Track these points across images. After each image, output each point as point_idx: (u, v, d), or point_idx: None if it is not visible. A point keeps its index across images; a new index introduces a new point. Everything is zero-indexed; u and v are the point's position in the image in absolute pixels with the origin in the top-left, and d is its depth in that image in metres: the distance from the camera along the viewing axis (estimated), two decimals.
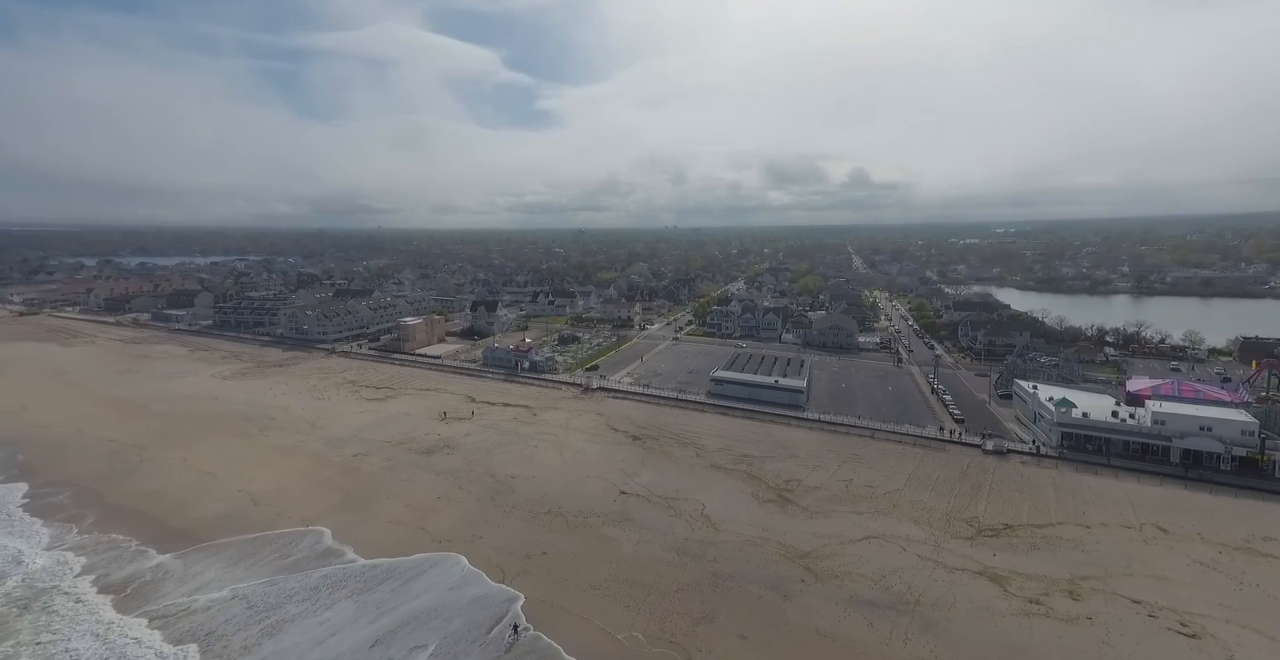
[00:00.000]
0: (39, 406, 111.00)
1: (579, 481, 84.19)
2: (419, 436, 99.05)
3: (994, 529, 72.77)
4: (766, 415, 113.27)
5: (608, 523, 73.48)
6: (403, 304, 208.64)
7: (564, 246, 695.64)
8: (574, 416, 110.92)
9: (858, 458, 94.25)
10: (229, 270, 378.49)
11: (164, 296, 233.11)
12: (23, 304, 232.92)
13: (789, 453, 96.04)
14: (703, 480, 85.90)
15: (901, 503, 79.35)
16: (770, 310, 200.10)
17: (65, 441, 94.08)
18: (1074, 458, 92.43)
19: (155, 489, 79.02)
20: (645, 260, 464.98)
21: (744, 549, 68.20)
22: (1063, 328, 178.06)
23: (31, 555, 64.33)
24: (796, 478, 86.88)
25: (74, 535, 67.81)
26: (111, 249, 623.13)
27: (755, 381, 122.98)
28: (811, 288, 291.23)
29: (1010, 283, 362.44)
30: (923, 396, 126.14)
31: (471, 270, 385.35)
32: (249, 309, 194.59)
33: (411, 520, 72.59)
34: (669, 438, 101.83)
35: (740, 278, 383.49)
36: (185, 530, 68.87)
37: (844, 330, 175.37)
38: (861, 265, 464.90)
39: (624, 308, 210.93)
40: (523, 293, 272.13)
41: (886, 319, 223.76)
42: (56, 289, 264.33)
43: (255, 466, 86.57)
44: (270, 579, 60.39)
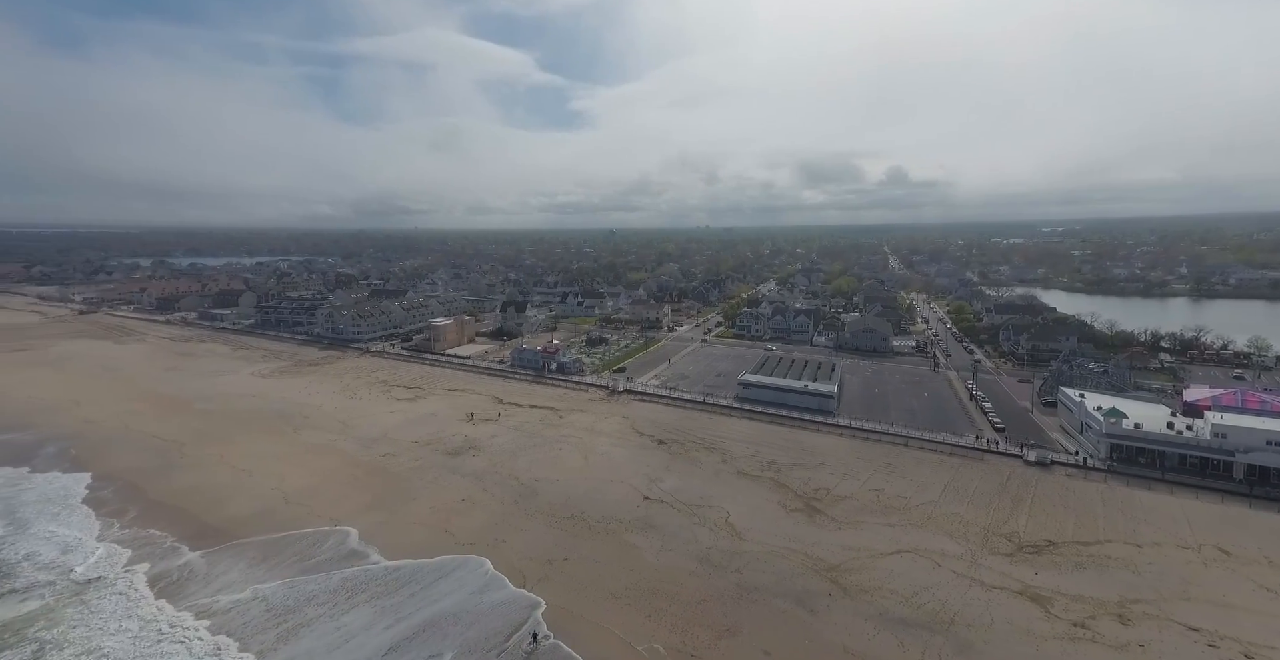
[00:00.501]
0: (91, 402, 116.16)
1: (603, 486, 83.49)
2: (446, 437, 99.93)
3: (1036, 545, 69.18)
4: (795, 421, 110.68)
5: (630, 529, 72.54)
6: (435, 304, 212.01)
7: (595, 247, 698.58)
8: (599, 419, 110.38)
9: (890, 467, 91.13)
10: (272, 270, 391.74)
11: (210, 296, 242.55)
12: (83, 303, 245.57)
13: (818, 460, 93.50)
14: (728, 487, 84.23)
15: (936, 515, 76.24)
16: (801, 312, 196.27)
17: (113, 437, 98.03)
18: (1124, 471, 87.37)
19: (193, 485, 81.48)
20: (676, 260, 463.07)
21: (769, 560, 66.40)
22: (1113, 332, 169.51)
23: (83, 546, 67.04)
24: (825, 486, 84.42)
25: (115, 530, 70.26)
26: (165, 250, 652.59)
27: (784, 386, 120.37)
28: (845, 289, 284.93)
29: (1057, 284, 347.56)
30: (960, 403, 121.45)
31: (503, 270, 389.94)
32: (288, 308, 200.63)
33: (436, 522, 72.99)
34: (695, 442, 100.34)
35: (772, 279, 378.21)
36: (219, 527, 70.64)
37: (878, 333, 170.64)
38: (898, 266, 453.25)
39: (653, 309, 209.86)
40: (552, 293, 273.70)
41: (923, 322, 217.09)
42: (114, 288, 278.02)
43: (288, 464, 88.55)
44: (291, 580, 61.09)
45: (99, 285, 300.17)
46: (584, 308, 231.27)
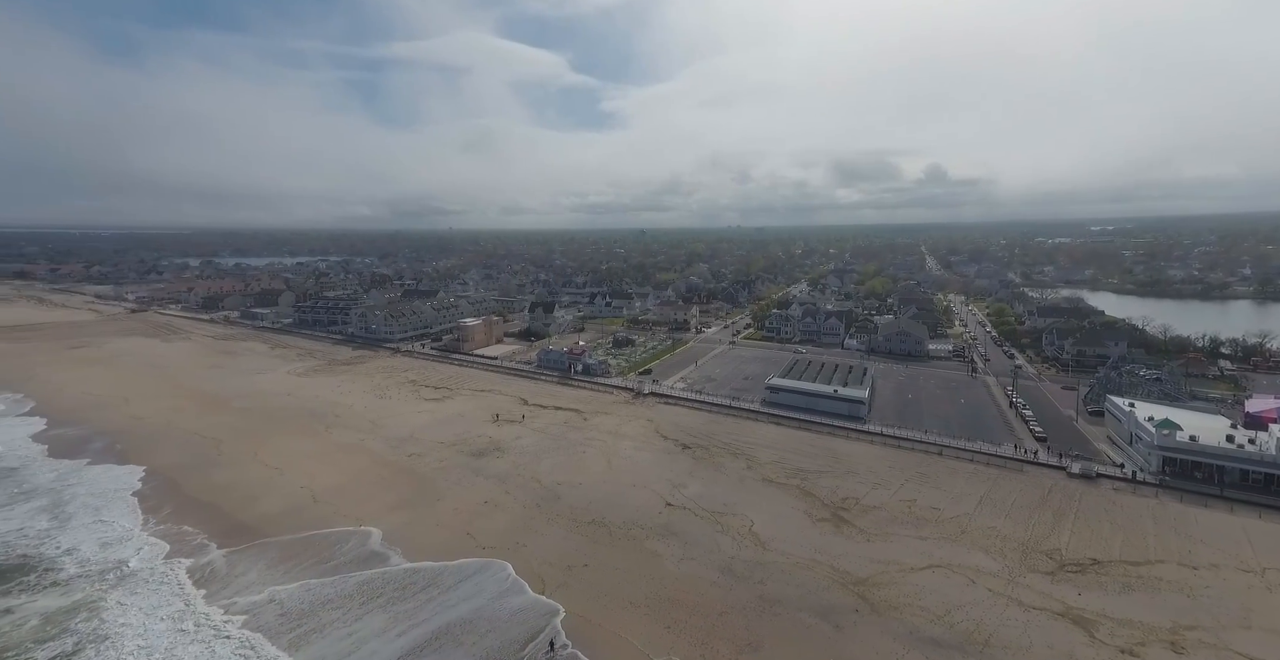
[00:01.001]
0: (139, 398, 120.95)
1: (625, 491, 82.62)
2: (471, 438, 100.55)
3: (1079, 564, 65.55)
4: (824, 427, 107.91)
5: (652, 536, 71.48)
6: (464, 305, 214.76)
7: (625, 247, 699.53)
8: (624, 422, 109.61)
9: (923, 476, 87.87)
10: (311, 270, 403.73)
11: (252, 295, 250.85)
12: (135, 301, 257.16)
13: (847, 468, 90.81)
14: (753, 494, 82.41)
15: (971, 529, 73.04)
16: (833, 314, 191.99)
17: (156, 433, 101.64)
18: (1178, 486, 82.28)
19: (228, 482, 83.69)
20: (705, 261, 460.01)
21: (794, 571, 64.48)
22: (1167, 337, 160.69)
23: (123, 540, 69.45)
24: (854, 496, 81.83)
25: (151, 525, 72.53)
26: (213, 250, 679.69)
27: (813, 390, 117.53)
28: (879, 290, 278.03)
29: (1106, 286, 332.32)
30: (999, 411, 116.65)
31: (534, 271, 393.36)
32: (324, 308, 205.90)
33: (458, 524, 73.22)
34: (720, 447, 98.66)
35: (803, 279, 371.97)
36: (249, 525, 72.18)
37: (912, 336, 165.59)
38: (936, 266, 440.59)
39: (680, 310, 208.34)
40: (581, 294, 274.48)
41: (961, 325, 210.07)
42: (163, 288, 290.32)
43: (318, 463, 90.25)
44: (308, 583, 61.26)
45: (150, 285, 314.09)
46: (612, 308, 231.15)
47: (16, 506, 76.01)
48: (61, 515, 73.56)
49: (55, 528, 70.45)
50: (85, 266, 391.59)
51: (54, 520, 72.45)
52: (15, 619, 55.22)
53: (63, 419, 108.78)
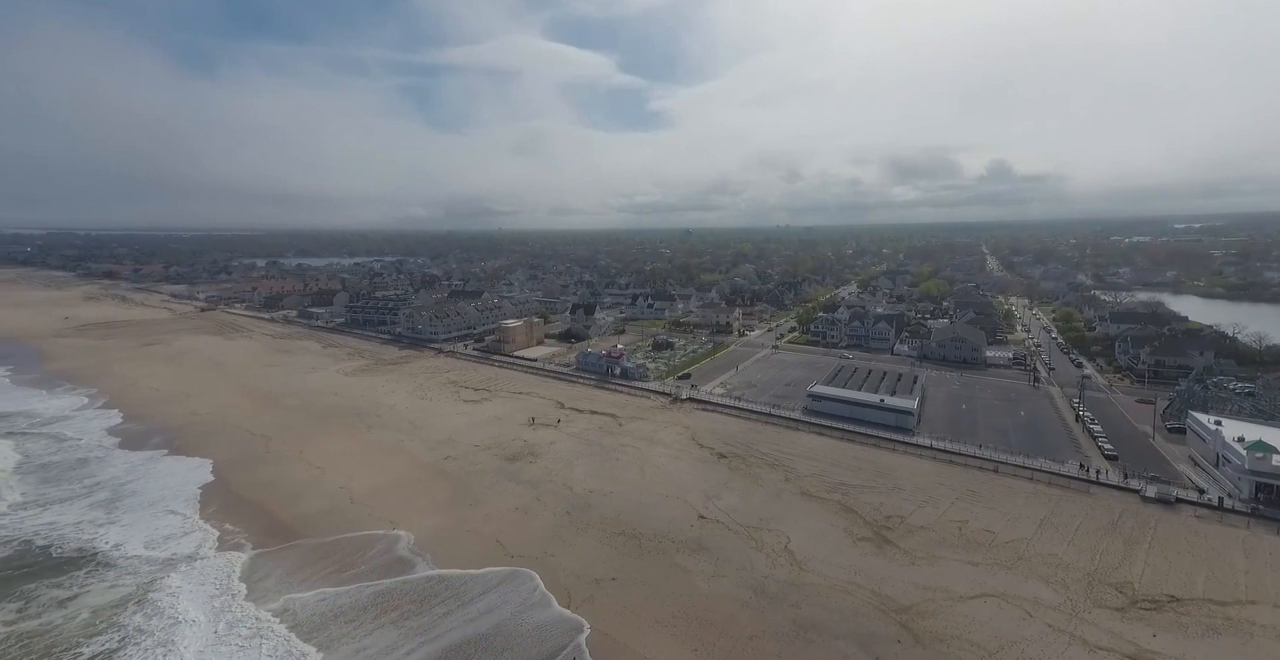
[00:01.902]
0: (199, 395, 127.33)
1: (657, 501, 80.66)
2: (506, 442, 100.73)
3: (1155, 600, 59.48)
4: (869, 438, 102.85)
5: (682, 550, 69.27)
6: (507, 306, 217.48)
7: (670, 247, 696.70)
8: (659, 429, 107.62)
9: (976, 495, 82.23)
10: (367, 270, 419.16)
11: (310, 295, 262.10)
12: (204, 300, 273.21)
13: (892, 483, 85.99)
14: (790, 508, 78.98)
15: (1029, 555, 67.59)
16: (883, 318, 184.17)
17: (213, 430, 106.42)
18: (1273, 516, 73.92)
19: (272, 480, 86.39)
20: (751, 261, 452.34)
21: (831, 595, 61.02)
22: (1262, 346, 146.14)
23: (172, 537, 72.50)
24: (899, 514, 77.23)
25: (196, 522, 75.16)
26: (279, 251, 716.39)
27: (858, 399, 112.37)
28: (934, 293, 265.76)
29: (1191, 289, 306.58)
30: (1064, 425, 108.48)
31: (578, 271, 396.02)
32: (374, 308, 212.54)
33: (489, 531, 72.96)
34: (757, 458, 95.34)
35: (853, 281, 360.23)
36: (287, 525, 73.90)
37: (969, 342, 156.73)
38: (997, 267, 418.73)
39: (723, 312, 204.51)
40: (623, 295, 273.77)
41: (1024, 330, 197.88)
42: (231, 287, 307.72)
43: (358, 463, 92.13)
44: (324, 591, 60.87)
45: (219, 284, 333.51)
46: (654, 310, 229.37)
47: (79, 500, 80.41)
48: (118, 509, 77.42)
49: (111, 522, 74.10)
50: (164, 267, 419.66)
51: (111, 514, 76.29)
52: (68, 613, 57.95)
53: (132, 413, 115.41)
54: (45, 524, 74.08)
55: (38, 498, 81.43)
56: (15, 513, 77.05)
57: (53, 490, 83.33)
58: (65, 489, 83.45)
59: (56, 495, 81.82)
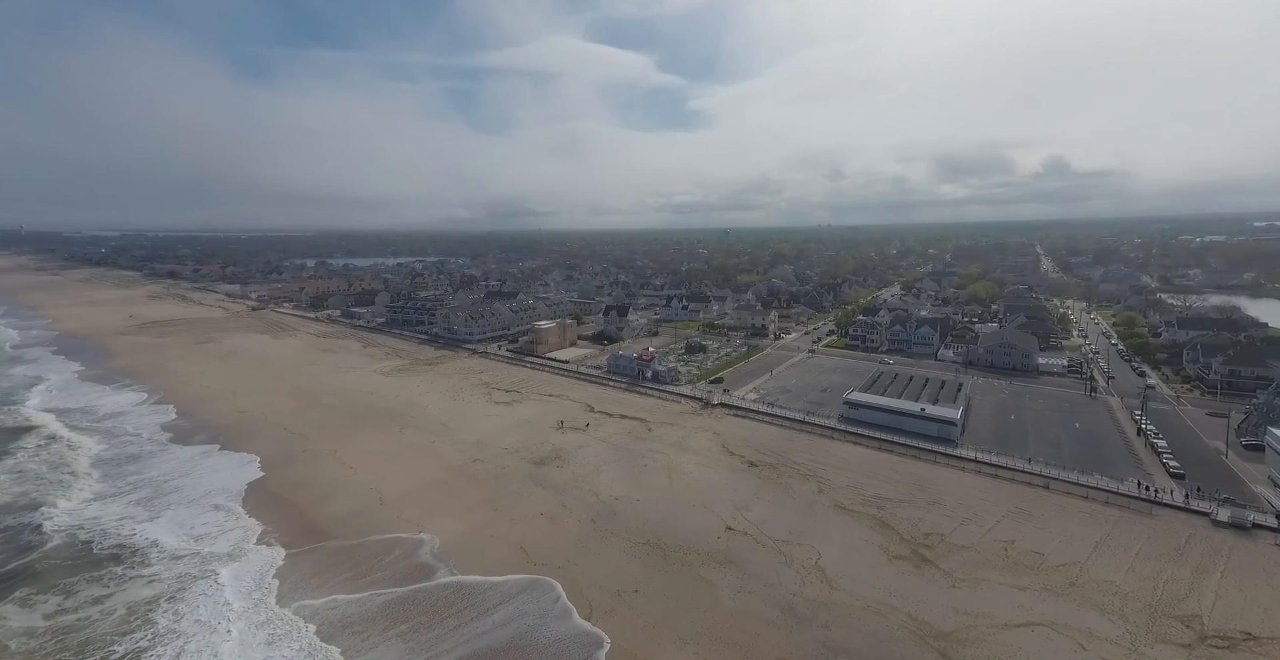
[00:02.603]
0: (245, 393, 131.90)
1: (684, 510, 78.81)
2: (534, 446, 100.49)
3: (1227, 638, 54.49)
4: (909, 449, 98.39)
5: (708, 563, 67.27)
6: (542, 307, 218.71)
7: (708, 247, 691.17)
8: (689, 435, 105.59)
9: (1024, 513, 77.42)
10: (409, 270, 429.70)
11: (353, 295, 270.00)
12: (256, 300, 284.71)
13: (932, 498, 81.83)
14: (822, 522, 75.95)
15: (1083, 581, 63.00)
16: (926, 321, 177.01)
17: (255, 428, 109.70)
18: None
19: (306, 479, 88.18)
20: (790, 262, 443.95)
21: (864, 616, 58.07)
22: None
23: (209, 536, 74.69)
24: (939, 531, 73.27)
25: (230, 521, 76.79)
26: (328, 251, 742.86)
27: (897, 408, 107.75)
28: (982, 295, 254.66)
29: (1272, 292, 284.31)
30: (1124, 439, 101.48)
31: (614, 272, 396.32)
32: (413, 309, 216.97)
33: (512, 536, 72.50)
34: (789, 467, 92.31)
35: (896, 283, 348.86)
36: (317, 526, 74.96)
37: (1019, 348, 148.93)
38: (1053, 268, 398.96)
39: (759, 315, 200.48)
40: (658, 296, 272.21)
41: (1080, 336, 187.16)
42: (281, 287, 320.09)
43: (389, 465, 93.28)
44: (336, 599, 60.49)
45: (270, 284, 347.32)
46: (688, 312, 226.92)
47: (128, 495, 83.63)
48: (163, 504, 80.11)
49: (154, 517, 76.74)
50: (221, 267, 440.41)
51: (156, 509, 79.02)
52: (104, 608, 59.89)
53: (184, 410, 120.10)
54: (91, 518, 77.20)
55: (92, 492, 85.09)
56: (72, 504, 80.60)
57: (106, 485, 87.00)
58: (116, 484, 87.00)
59: (108, 490, 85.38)
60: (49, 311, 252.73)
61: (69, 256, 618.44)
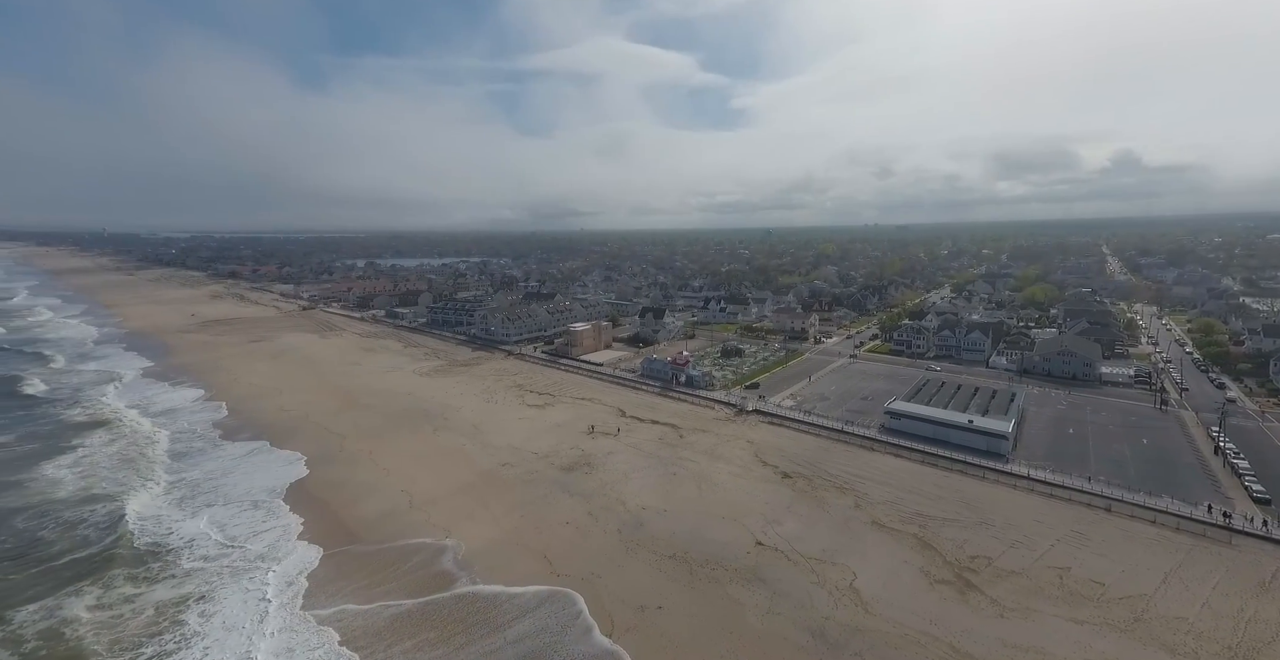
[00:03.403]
0: (290, 391, 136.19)
1: (713, 523, 76.37)
2: (563, 451, 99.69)
3: None
4: (955, 463, 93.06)
5: (736, 580, 64.73)
6: (578, 308, 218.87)
7: (750, 247, 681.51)
8: (721, 443, 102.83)
9: (1082, 537, 71.78)
10: (452, 271, 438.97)
11: (397, 296, 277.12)
12: (307, 300, 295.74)
13: (979, 517, 76.86)
14: (858, 540, 72.24)
15: (1150, 616, 57.69)
16: (977, 326, 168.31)
17: (296, 426, 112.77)
18: None
19: (341, 480, 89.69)
20: (834, 263, 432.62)
21: (901, 645, 54.59)
22: None
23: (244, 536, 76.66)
24: (986, 554, 68.60)
25: (262, 521, 78.15)
26: (378, 252, 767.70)
27: (942, 418, 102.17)
28: (1040, 298, 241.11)
29: None
30: (1198, 458, 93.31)
31: (653, 273, 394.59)
32: (452, 309, 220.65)
33: (537, 545, 71.64)
34: (825, 479, 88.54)
35: (946, 285, 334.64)
36: (347, 528, 75.76)
37: (1080, 356, 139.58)
38: (1120, 270, 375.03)
39: (799, 318, 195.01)
40: (696, 298, 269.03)
41: (1150, 342, 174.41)
42: (331, 287, 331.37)
43: (421, 467, 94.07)
44: (344, 609, 60.03)
45: (321, 284, 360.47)
46: (726, 314, 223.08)
47: (174, 491, 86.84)
48: (196, 504, 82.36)
49: (194, 514, 79.32)
50: (278, 267, 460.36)
51: (197, 506, 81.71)
52: (135, 607, 61.61)
53: (234, 407, 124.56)
54: (145, 513, 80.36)
55: (156, 487, 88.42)
56: (138, 500, 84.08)
57: (165, 480, 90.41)
58: (174, 478, 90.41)
59: (167, 484, 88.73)
60: (121, 310, 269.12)
61: (143, 257, 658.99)
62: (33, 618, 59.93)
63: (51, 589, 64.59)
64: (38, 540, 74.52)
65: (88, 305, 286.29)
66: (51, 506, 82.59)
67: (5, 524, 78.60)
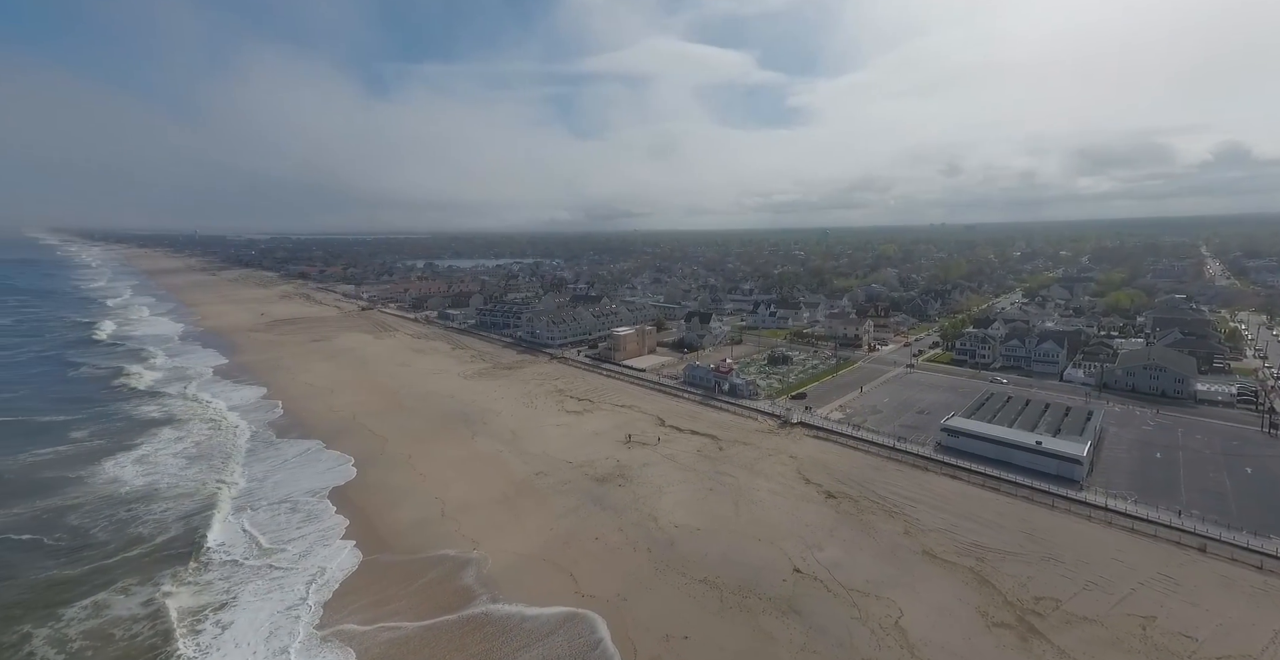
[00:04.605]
0: (341, 391, 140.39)
1: (748, 545, 72.38)
2: (598, 461, 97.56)
3: None
4: (1020, 488, 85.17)
5: (769, 610, 60.66)
6: (624, 311, 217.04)
7: (805, 248, 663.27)
8: (762, 457, 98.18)
9: (1171, 582, 63.59)
10: (505, 272, 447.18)
11: (449, 297, 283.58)
12: (367, 300, 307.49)
13: (1047, 552, 69.60)
14: (908, 571, 66.61)
15: None
16: (1050, 335, 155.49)
17: (343, 427, 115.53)
18: None
19: (379, 484, 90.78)
20: (895, 265, 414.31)
21: None
22: None
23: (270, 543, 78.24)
24: (1054, 596, 61.71)
25: (296, 527, 79.07)
26: (437, 253, 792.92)
27: (1007, 438, 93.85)
28: (1125, 305, 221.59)
29: None
30: None
31: (703, 275, 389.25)
32: (500, 312, 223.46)
33: (564, 561, 69.67)
34: (873, 501, 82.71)
35: (1018, 289, 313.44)
36: (378, 535, 75.94)
37: (1170, 371, 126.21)
38: (1222, 273, 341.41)
39: (852, 324, 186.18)
40: (746, 301, 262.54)
41: (1258, 356, 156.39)
42: (390, 288, 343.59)
43: (456, 473, 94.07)
44: (343, 629, 58.85)
45: (381, 285, 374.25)
46: (776, 319, 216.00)
47: (227, 492, 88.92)
48: (245, 503, 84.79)
49: (235, 515, 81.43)
50: (343, 268, 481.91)
51: (239, 507, 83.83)
52: (176, 608, 62.83)
53: (288, 407, 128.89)
54: (191, 511, 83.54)
55: (216, 484, 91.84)
56: (185, 498, 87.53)
57: (228, 477, 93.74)
58: (226, 477, 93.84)
59: (228, 481, 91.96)
60: (200, 309, 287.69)
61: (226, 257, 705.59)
62: (80, 614, 62.25)
63: (103, 585, 66.75)
64: (126, 532, 77.67)
65: (174, 304, 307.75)
66: (121, 501, 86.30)
67: (97, 513, 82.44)
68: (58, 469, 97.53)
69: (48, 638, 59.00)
